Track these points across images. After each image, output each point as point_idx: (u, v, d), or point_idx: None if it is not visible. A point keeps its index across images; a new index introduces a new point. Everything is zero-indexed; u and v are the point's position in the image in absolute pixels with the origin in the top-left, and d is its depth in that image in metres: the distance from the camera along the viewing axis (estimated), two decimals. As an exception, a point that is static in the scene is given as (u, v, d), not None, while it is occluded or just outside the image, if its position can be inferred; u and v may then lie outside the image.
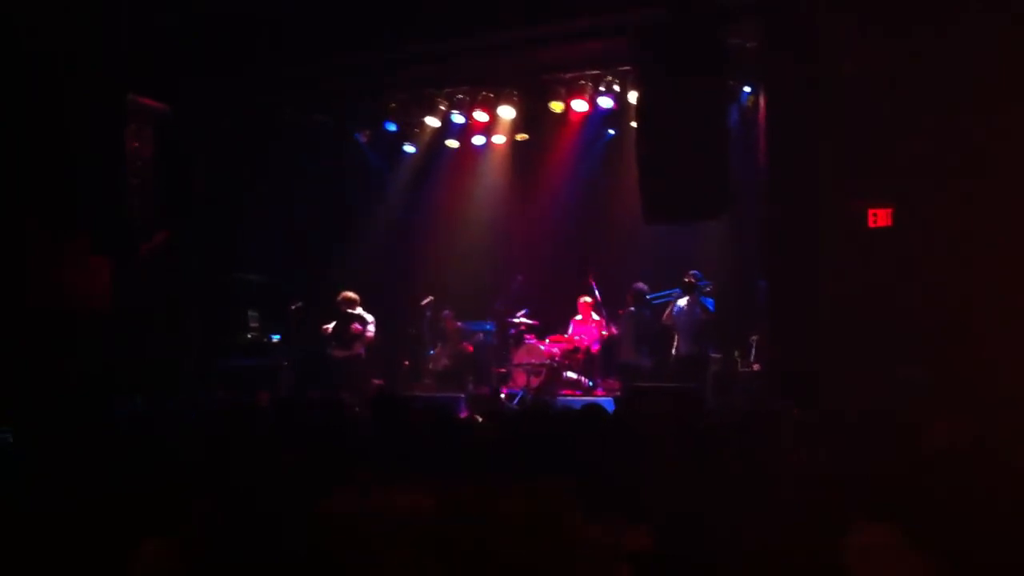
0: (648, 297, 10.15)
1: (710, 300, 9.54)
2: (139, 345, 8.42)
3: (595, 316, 11.13)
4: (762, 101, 8.10)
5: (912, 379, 5.73)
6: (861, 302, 7.04)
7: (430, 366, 11.80)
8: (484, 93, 10.83)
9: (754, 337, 9.53)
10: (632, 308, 10.18)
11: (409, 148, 12.35)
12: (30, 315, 7.72)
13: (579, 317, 11.29)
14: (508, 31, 8.63)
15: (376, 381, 10.93)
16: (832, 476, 2.69)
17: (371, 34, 8.69)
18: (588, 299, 11.13)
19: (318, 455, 2.43)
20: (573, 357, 11.03)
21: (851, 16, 7.18)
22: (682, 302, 9.60)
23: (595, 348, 11.05)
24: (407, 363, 12.01)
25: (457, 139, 12.05)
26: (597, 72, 10.10)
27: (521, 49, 9.20)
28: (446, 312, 11.77)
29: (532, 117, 11.11)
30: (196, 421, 3.82)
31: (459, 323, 11.80)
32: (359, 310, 10.60)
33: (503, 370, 11.25)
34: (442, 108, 11.11)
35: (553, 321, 11.51)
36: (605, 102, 10.26)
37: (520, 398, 10.24)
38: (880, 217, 7.17)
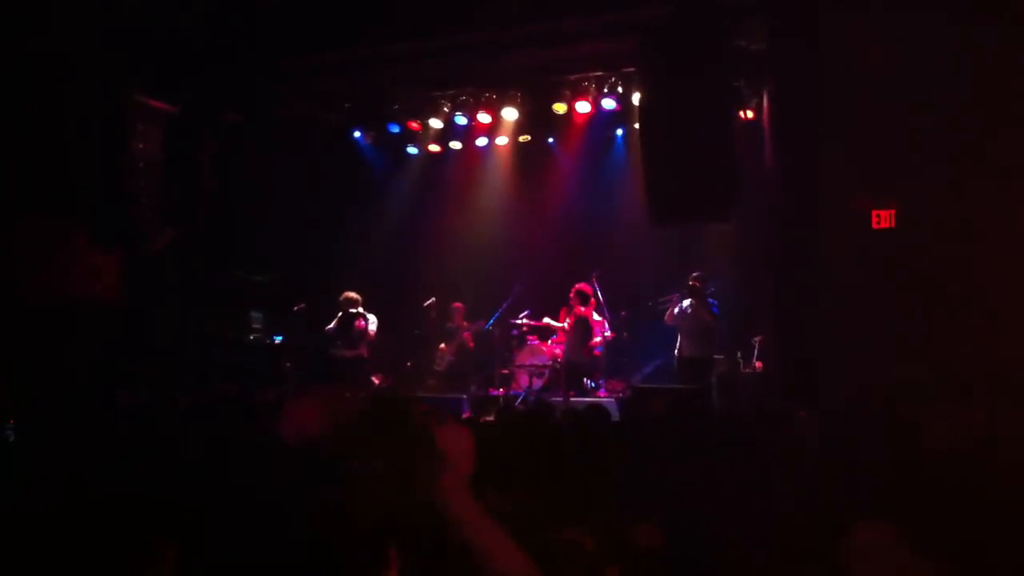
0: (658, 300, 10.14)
1: (713, 302, 9.53)
2: (142, 340, 8.45)
3: (596, 317, 11.12)
4: (767, 102, 8.09)
5: (913, 378, 5.72)
6: (864, 302, 7.04)
7: (435, 366, 11.80)
8: (487, 94, 10.84)
9: (757, 338, 9.53)
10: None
11: (412, 150, 12.37)
12: (34, 310, 7.75)
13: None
14: (510, 28, 8.62)
15: (376, 378, 10.95)
16: (834, 475, 2.68)
17: (373, 29, 8.70)
18: (591, 300, 11.11)
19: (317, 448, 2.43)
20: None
21: (857, 15, 7.18)
22: (686, 304, 9.58)
23: (597, 349, 11.03)
24: (410, 364, 12.01)
25: (460, 141, 12.07)
26: (600, 73, 10.10)
27: (525, 48, 9.19)
28: (456, 305, 11.76)
29: (535, 118, 11.13)
30: (199, 416, 3.83)
31: (465, 322, 11.81)
32: (360, 310, 10.62)
33: (506, 371, 11.24)
34: (445, 110, 11.14)
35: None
36: (608, 103, 10.26)
37: (522, 399, 10.23)
38: (884, 219, 7.17)
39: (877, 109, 7.09)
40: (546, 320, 11.27)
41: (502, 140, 11.94)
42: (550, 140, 12.11)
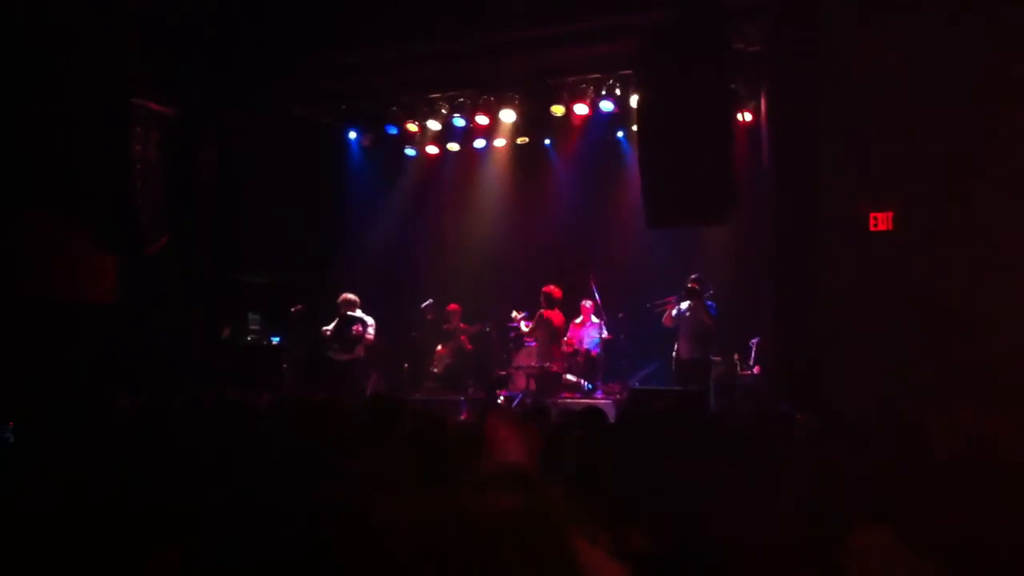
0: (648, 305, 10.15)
1: (711, 304, 9.54)
2: (141, 341, 8.44)
3: (595, 319, 11.13)
4: (764, 103, 8.11)
5: (916, 379, 5.74)
6: (863, 305, 7.05)
7: (432, 368, 11.78)
8: (485, 97, 10.86)
9: (754, 341, 9.54)
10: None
11: (410, 151, 12.39)
12: (34, 311, 7.75)
13: (579, 320, 11.28)
14: (508, 30, 8.63)
15: (373, 377, 10.94)
16: (834, 478, 2.68)
17: (371, 30, 8.71)
18: (589, 302, 11.12)
19: (315, 448, 2.43)
20: (573, 360, 11.02)
21: (856, 16, 7.19)
22: (684, 306, 9.58)
23: (595, 351, 11.04)
24: (407, 366, 11.99)
25: (458, 142, 12.08)
26: (598, 76, 10.11)
27: (522, 50, 9.20)
28: (453, 307, 11.74)
29: (533, 121, 11.14)
30: (198, 417, 3.82)
31: (463, 324, 11.79)
32: (359, 312, 10.61)
33: (503, 373, 11.23)
34: (443, 112, 11.15)
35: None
36: (606, 106, 10.28)
37: (519, 401, 10.22)
38: (881, 221, 7.18)
39: (875, 111, 7.10)
40: (516, 317, 11.24)
41: (500, 142, 11.96)
42: (547, 142, 12.13)
